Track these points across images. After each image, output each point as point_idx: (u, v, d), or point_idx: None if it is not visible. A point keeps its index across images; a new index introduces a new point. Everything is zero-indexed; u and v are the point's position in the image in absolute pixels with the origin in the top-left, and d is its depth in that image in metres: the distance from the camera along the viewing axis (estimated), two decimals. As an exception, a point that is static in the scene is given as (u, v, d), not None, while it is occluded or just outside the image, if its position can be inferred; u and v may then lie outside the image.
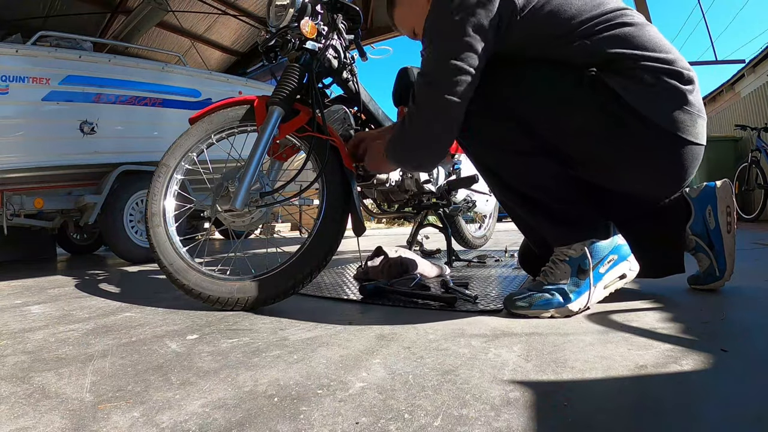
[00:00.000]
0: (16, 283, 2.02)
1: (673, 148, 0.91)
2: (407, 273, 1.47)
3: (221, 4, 6.01)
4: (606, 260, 0.98)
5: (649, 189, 1.03)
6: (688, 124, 0.89)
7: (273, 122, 1.18)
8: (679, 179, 0.97)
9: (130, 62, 3.01)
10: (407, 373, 0.66)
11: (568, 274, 0.98)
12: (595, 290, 0.98)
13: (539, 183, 0.99)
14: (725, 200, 1.10)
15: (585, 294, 0.97)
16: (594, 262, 0.97)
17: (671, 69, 0.89)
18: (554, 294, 0.96)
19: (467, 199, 2.13)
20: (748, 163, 5.00)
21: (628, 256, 1.01)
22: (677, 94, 0.89)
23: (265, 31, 1.32)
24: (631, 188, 1.02)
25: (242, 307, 1.15)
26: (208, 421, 0.53)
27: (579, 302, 0.96)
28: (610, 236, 0.99)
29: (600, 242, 0.98)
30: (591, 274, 0.97)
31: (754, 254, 1.92)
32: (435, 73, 0.93)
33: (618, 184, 1.01)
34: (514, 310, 0.98)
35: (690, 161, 0.94)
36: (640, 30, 0.91)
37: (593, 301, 0.98)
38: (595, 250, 0.98)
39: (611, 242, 0.99)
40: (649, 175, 0.97)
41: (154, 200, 1.28)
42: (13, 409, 0.59)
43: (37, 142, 2.57)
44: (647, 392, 0.56)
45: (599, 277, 0.98)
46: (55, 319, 1.16)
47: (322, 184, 1.20)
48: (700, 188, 1.14)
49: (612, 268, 0.99)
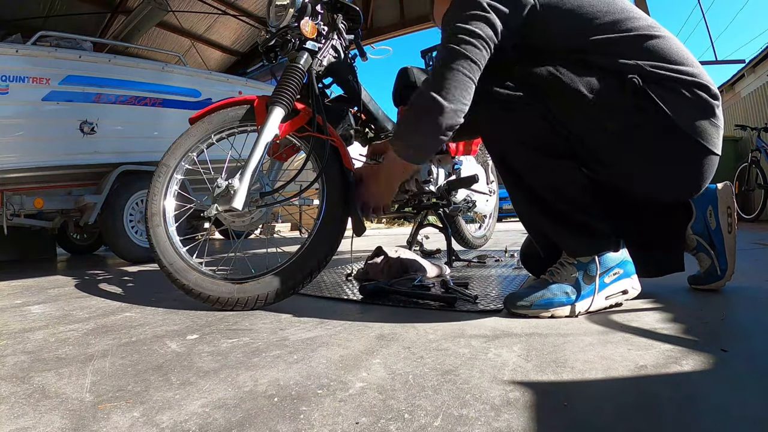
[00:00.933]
0: (16, 283, 2.02)
1: (699, 157, 0.95)
2: (407, 273, 1.47)
3: (221, 4, 6.02)
4: (612, 272, 1.00)
5: (668, 194, 1.05)
6: (713, 135, 0.93)
7: (273, 122, 1.18)
8: (698, 186, 1.01)
9: (130, 62, 3.01)
10: (407, 373, 0.66)
11: (574, 277, 0.98)
12: (597, 298, 0.98)
13: (563, 190, 0.98)
14: (726, 201, 1.11)
15: (588, 299, 0.97)
16: (601, 271, 0.98)
17: (701, 83, 0.92)
18: (557, 293, 0.97)
19: (467, 199, 2.12)
20: (748, 163, 5.00)
21: (633, 275, 1.03)
22: (707, 107, 0.92)
23: (265, 31, 1.32)
24: (652, 192, 1.04)
25: (242, 307, 1.15)
26: (208, 421, 0.53)
27: (580, 305, 0.97)
28: (620, 250, 1.01)
29: (610, 253, 0.99)
30: (597, 281, 0.98)
31: (754, 254, 1.92)
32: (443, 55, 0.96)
33: (641, 188, 1.02)
34: (515, 309, 0.98)
35: (709, 170, 0.98)
36: (668, 43, 0.94)
37: (593, 308, 0.98)
38: (603, 260, 0.99)
39: (620, 256, 1.00)
40: (674, 181, 1.00)
41: (154, 200, 1.28)
42: (13, 409, 0.59)
43: (37, 142, 2.57)
44: (647, 392, 0.56)
45: (603, 286, 0.99)
46: (55, 319, 1.16)
47: (322, 184, 1.20)
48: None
49: (617, 280, 1.00)
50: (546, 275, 1.02)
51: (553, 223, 1.01)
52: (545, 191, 1.00)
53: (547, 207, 1.00)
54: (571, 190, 0.98)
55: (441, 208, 1.87)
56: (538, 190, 1.00)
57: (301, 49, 1.26)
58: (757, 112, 5.67)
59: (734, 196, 1.12)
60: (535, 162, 0.98)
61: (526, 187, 1.02)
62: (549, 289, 0.97)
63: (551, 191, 0.99)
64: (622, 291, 1.01)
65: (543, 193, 1.00)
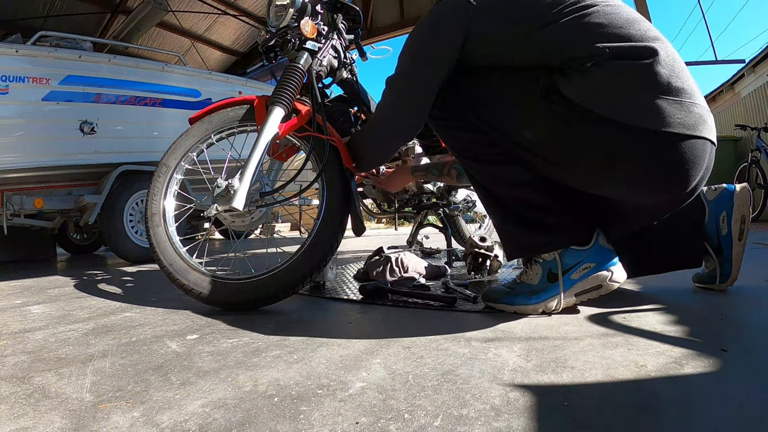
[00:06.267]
0: (16, 283, 2.02)
1: (654, 146, 0.81)
2: (407, 273, 1.47)
3: (221, 4, 6.02)
4: (579, 267, 0.96)
5: (647, 196, 0.93)
6: (661, 111, 0.79)
7: (273, 122, 1.18)
8: (685, 181, 0.85)
9: (129, 62, 3.01)
10: (407, 373, 0.66)
11: (538, 277, 0.99)
12: (565, 296, 0.97)
13: (513, 191, 0.99)
14: (741, 209, 1.07)
15: (551, 298, 0.97)
16: (564, 268, 0.97)
17: (623, 49, 0.81)
18: (520, 292, 1.00)
19: (467, 199, 2.12)
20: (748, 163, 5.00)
21: (611, 266, 0.96)
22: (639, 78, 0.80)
23: (265, 31, 1.32)
24: (624, 196, 0.95)
25: (242, 308, 1.15)
26: (208, 421, 0.53)
27: (543, 305, 0.97)
28: (591, 243, 0.96)
29: (575, 249, 0.97)
30: (560, 279, 0.97)
31: (754, 254, 1.92)
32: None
33: (612, 192, 0.95)
34: (486, 301, 1.05)
35: (688, 158, 0.82)
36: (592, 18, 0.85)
37: (560, 307, 0.98)
38: (566, 256, 0.97)
39: (589, 250, 0.96)
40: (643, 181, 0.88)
41: (154, 200, 1.28)
42: (13, 409, 0.59)
43: (37, 142, 2.57)
44: (647, 392, 0.56)
45: (570, 284, 0.96)
46: (55, 319, 1.16)
47: (322, 184, 1.20)
48: (718, 190, 1.10)
49: (586, 276, 0.95)
50: (517, 276, 1.05)
51: (512, 223, 1.01)
52: (501, 194, 1.01)
53: (503, 205, 1.02)
54: (519, 190, 0.98)
55: (441, 208, 1.87)
56: (496, 193, 1.02)
57: (301, 49, 1.26)
58: (757, 112, 5.66)
59: (751, 202, 1.07)
60: (483, 168, 1.02)
61: (486, 192, 1.04)
62: (514, 288, 1.02)
63: (504, 194, 1.01)
64: (594, 287, 0.96)
65: (500, 196, 1.02)
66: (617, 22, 0.85)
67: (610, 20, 0.85)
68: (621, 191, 0.94)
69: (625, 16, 0.86)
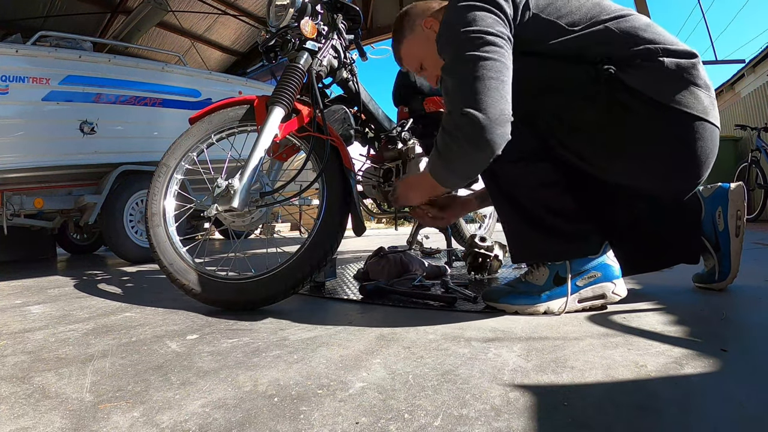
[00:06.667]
0: (16, 283, 2.02)
1: (687, 128, 0.89)
2: (407, 273, 1.47)
3: (221, 4, 6.02)
4: (586, 275, 0.98)
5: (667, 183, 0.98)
6: (698, 101, 0.88)
7: (273, 122, 1.18)
8: (697, 170, 0.93)
9: (129, 62, 3.01)
10: (407, 373, 0.66)
11: (545, 278, 0.99)
12: (569, 301, 0.98)
13: (537, 192, 0.98)
14: (736, 204, 1.08)
15: (556, 300, 0.98)
16: (572, 273, 0.98)
17: (670, 49, 0.89)
18: (524, 292, 1.00)
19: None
20: (748, 163, 5.00)
21: (615, 279, 0.99)
22: (681, 72, 0.88)
23: (265, 31, 1.32)
24: (646, 182, 0.98)
25: (242, 308, 1.15)
26: (208, 421, 0.53)
27: (547, 305, 0.98)
28: (599, 254, 0.99)
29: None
30: (568, 283, 0.98)
31: (754, 254, 1.92)
32: None
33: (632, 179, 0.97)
34: (486, 301, 1.04)
35: (705, 145, 0.90)
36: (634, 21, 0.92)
37: (565, 311, 0.98)
38: (575, 262, 0.98)
39: (598, 259, 0.99)
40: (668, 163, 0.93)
41: (154, 200, 1.28)
42: (13, 409, 0.59)
43: (37, 142, 2.57)
44: (647, 392, 0.56)
45: (576, 290, 0.99)
46: (55, 319, 1.16)
47: (322, 184, 1.20)
48: (714, 188, 1.11)
49: (592, 284, 0.99)
50: (521, 275, 1.05)
51: (528, 226, 1.00)
52: (521, 195, 1.00)
53: (521, 208, 1.00)
54: (540, 193, 0.98)
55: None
56: (515, 193, 1.01)
57: (301, 49, 1.26)
58: (757, 112, 5.67)
59: (745, 199, 1.09)
60: (508, 167, 0.98)
61: (503, 191, 1.03)
62: (516, 287, 1.02)
63: (526, 195, 0.99)
64: (598, 296, 0.99)
65: (520, 197, 1.00)
66: (657, 29, 0.92)
67: (647, 23, 0.93)
68: (657, 178, 0.96)
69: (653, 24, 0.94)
